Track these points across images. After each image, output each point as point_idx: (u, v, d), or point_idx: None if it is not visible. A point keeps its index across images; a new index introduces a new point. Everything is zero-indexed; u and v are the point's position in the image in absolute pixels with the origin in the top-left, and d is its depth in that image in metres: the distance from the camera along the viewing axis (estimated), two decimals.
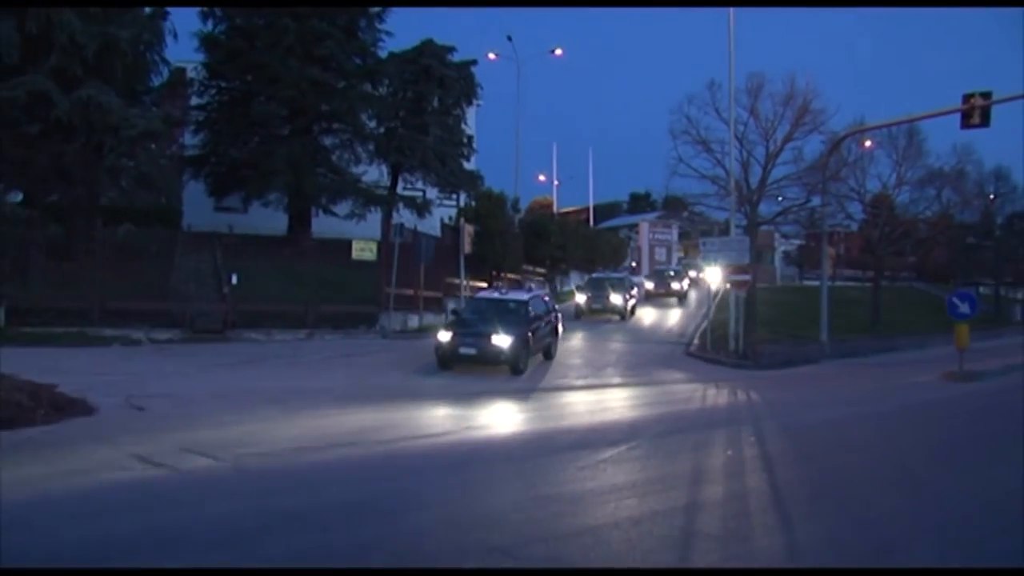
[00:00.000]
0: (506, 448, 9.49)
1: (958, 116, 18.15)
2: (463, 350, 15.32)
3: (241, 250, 21.92)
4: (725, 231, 24.80)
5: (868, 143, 29.36)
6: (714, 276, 22.98)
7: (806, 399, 15.13)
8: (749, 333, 21.60)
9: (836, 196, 27.52)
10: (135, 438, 8.59)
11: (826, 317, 23.75)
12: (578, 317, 27.37)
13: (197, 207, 29.66)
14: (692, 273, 40.28)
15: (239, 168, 27.83)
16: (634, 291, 29.92)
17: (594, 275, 32.14)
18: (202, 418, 10.08)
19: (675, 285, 35.68)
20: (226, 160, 28.52)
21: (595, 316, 27.88)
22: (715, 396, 14.97)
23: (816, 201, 25.50)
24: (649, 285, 36.28)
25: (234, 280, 20.51)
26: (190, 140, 29.01)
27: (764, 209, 25.79)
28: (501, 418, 11.68)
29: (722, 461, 8.88)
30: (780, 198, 26.04)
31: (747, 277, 20.93)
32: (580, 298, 28.59)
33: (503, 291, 18.68)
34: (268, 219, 29.17)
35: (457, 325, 16.36)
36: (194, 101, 28.48)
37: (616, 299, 27.74)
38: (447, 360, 15.63)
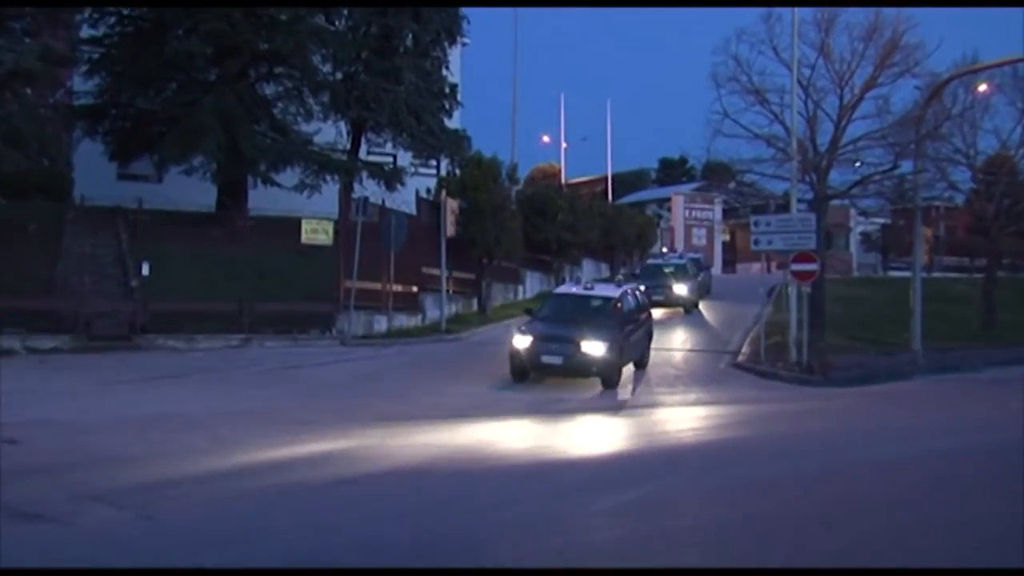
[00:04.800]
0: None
1: None
2: (546, 359, 16.51)
3: (154, 231, 21.78)
4: (784, 207, 24.71)
5: (983, 87, 28.86)
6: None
7: (894, 426, 15.08)
8: (816, 339, 21.56)
9: (935, 159, 27.26)
10: (4, 482, 8.37)
11: (920, 319, 23.67)
12: None
13: (93, 174, 29.38)
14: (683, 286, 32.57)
15: (150, 123, 27.57)
16: None
17: None
18: (101, 453, 10.00)
19: (678, 288, 31.60)
20: (132, 112, 28.28)
21: None
22: (770, 421, 14.95)
23: (907, 166, 25.33)
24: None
25: (145, 270, 20.40)
26: (81, 84, 28.66)
27: (836, 178, 25.65)
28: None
29: (777, 508, 8.83)
30: (858, 163, 25.87)
31: (813, 267, 20.86)
32: None
33: (588, 285, 20.16)
34: (190, 191, 29.02)
35: (539, 329, 17.26)
36: (86, 32, 28.15)
37: None
38: (524, 370, 16.92)
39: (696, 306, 31.88)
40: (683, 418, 15.07)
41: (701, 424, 14.48)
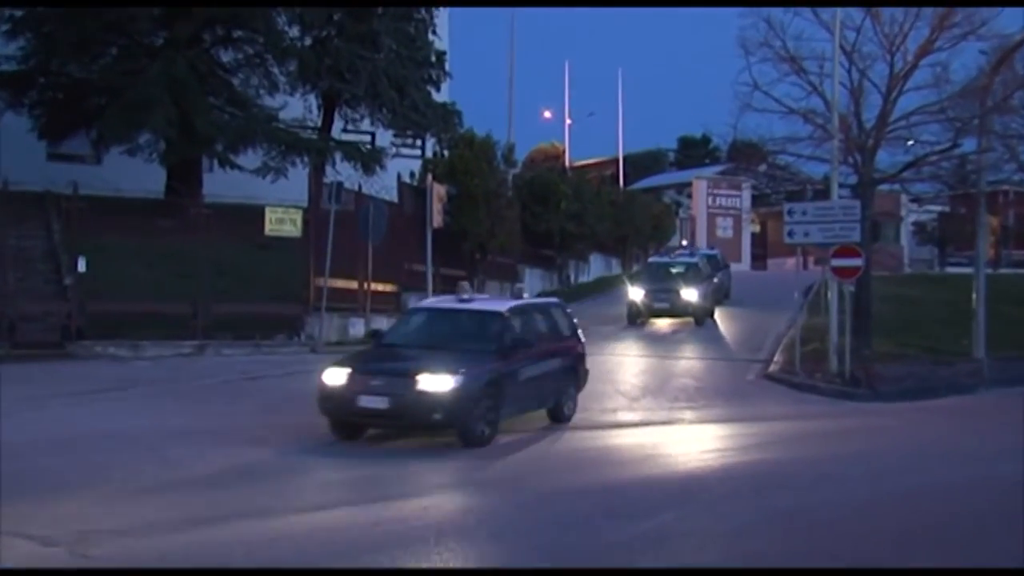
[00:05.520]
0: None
1: None
2: (365, 401, 12.62)
3: (92, 220, 21.72)
4: (824, 193, 24.67)
5: None
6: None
7: (953, 447, 15.05)
8: (861, 347, 21.56)
9: (1003, 136, 27.09)
10: None
11: (984, 322, 23.66)
12: None
13: (19, 153, 29.10)
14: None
15: (86, 94, 27.59)
16: None
17: None
18: (29, 479, 9.92)
19: (687, 294, 29.54)
20: (64, 82, 28.29)
21: None
22: (806, 441, 14.93)
23: (970, 145, 25.30)
24: (636, 296, 30.09)
25: (82, 266, 20.39)
26: (1, 47, 28.64)
27: (885, 159, 25.58)
28: None
29: (815, 544, 8.80)
30: (911, 142, 25.83)
31: (857, 262, 20.85)
32: None
33: (466, 297, 15.52)
34: (135, 174, 29.03)
35: (368, 358, 13.97)
36: None
37: None
38: (345, 422, 13.11)
39: (711, 315, 30.08)
40: (705, 437, 15.07)
41: (726, 444, 14.45)
